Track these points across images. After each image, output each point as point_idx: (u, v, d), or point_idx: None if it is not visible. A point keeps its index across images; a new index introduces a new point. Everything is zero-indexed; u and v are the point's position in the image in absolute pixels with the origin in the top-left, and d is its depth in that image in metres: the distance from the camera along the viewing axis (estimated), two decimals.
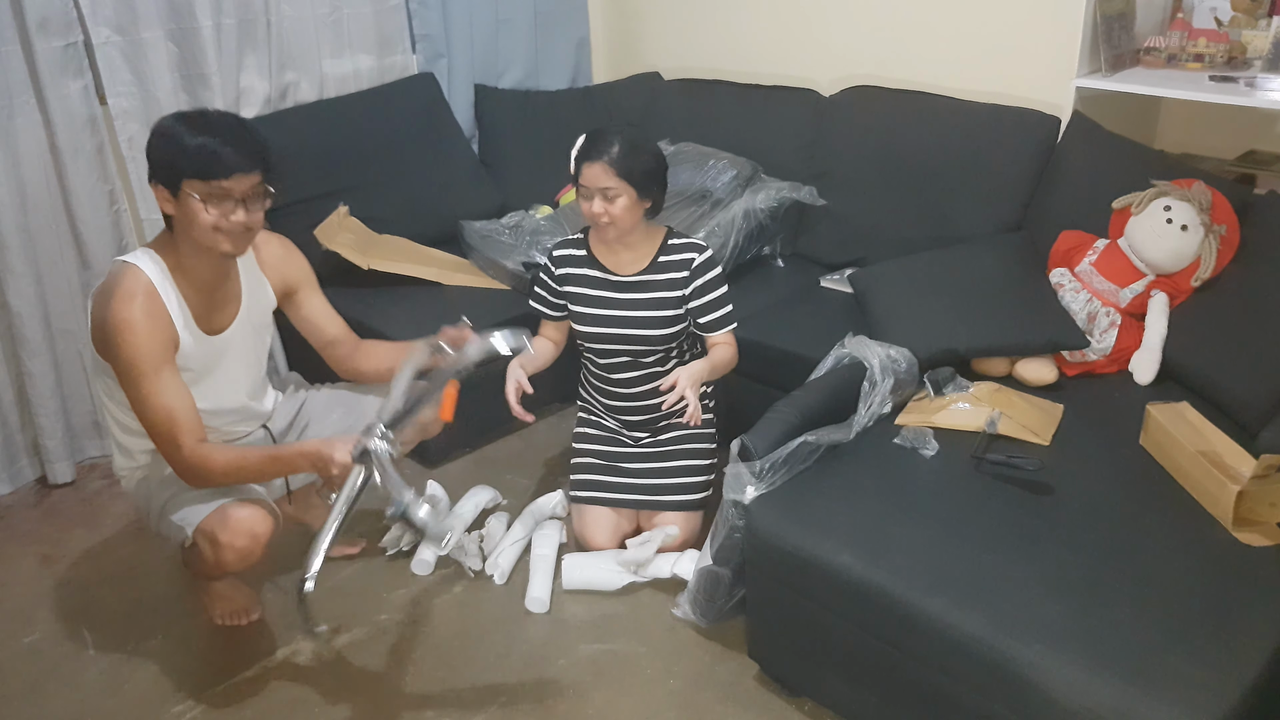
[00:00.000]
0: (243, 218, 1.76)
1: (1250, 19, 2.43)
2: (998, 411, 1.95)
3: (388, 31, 3.15)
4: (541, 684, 1.98)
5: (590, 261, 2.24)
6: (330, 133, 2.93)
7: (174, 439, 1.76)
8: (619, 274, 2.21)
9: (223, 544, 1.82)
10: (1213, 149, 2.64)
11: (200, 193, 1.72)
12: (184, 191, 1.73)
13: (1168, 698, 1.34)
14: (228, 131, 1.74)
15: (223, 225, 1.75)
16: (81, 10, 2.48)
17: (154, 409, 1.76)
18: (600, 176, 2.06)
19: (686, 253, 2.19)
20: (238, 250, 1.81)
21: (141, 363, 1.73)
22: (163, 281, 1.81)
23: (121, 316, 1.73)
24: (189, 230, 1.77)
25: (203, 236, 1.76)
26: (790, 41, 3.16)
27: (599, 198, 2.08)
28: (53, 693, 2.01)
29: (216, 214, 1.74)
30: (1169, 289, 2.16)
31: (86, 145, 2.57)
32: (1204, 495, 1.72)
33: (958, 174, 2.64)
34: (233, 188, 1.73)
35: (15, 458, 2.70)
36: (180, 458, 1.77)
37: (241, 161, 1.73)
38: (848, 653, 1.72)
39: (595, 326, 2.22)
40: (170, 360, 1.79)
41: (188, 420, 1.78)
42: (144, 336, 1.74)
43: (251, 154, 1.75)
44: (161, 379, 1.76)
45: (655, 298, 2.19)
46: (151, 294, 1.78)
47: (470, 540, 2.32)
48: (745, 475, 1.83)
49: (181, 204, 1.74)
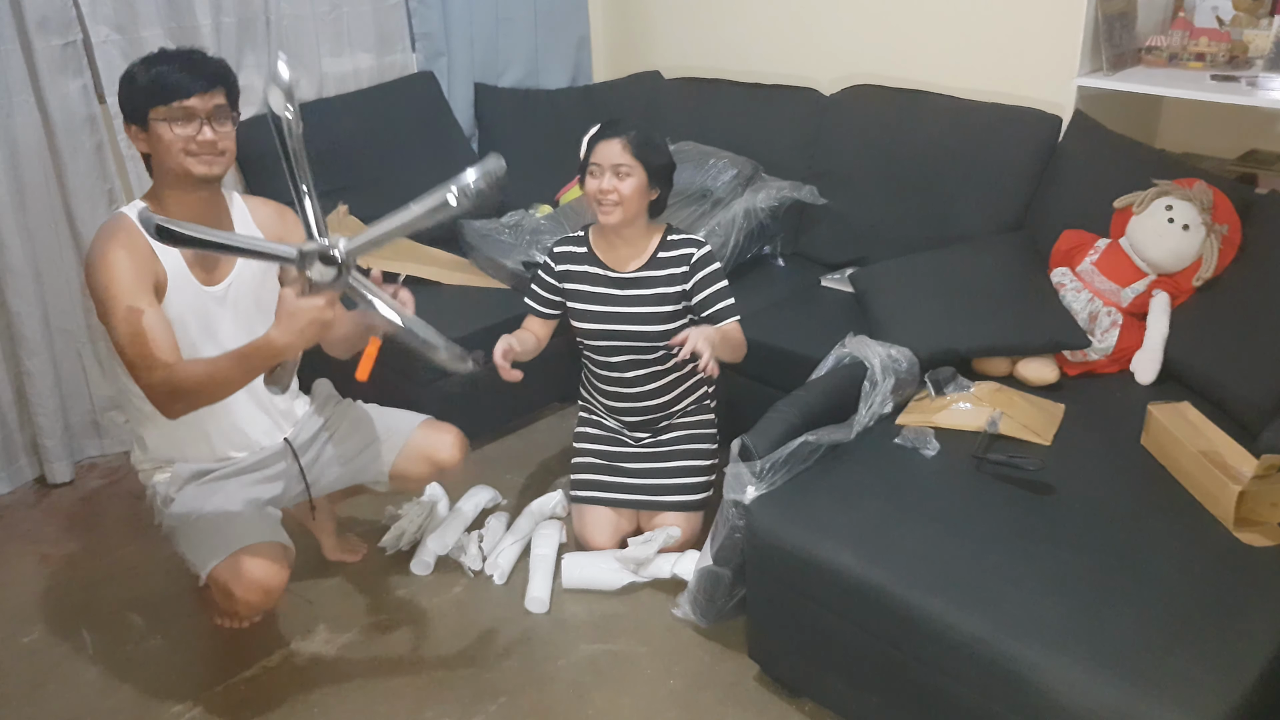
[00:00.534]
0: (210, 135, 1.77)
1: (1252, 18, 2.43)
2: (999, 411, 1.95)
3: (387, 30, 3.14)
4: (541, 684, 1.98)
5: (590, 258, 2.24)
6: (330, 132, 2.92)
7: (146, 359, 1.70)
8: (619, 271, 2.21)
9: (237, 597, 1.82)
10: (1214, 148, 2.64)
11: (164, 117, 1.74)
12: (151, 121, 1.75)
13: (1169, 698, 1.34)
14: (182, 58, 1.77)
15: (190, 147, 1.76)
16: (81, 9, 2.47)
17: (125, 333, 1.70)
18: (616, 153, 2.09)
19: (685, 248, 2.20)
20: (212, 170, 1.80)
21: (116, 289, 1.71)
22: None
23: (100, 251, 1.74)
24: (164, 162, 1.78)
25: (174, 161, 1.77)
26: (791, 41, 3.15)
27: (610, 174, 2.10)
28: (52, 693, 2.01)
29: (184, 134, 1.75)
30: (1170, 289, 2.16)
31: (85, 144, 2.56)
32: (1205, 495, 1.71)
33: (959, 173, 2.64)
34: (195, 106, 1.75)
35: (14, 457, 2.70)
36: (153, 381, 1.71)
37: (199, 81, 1.75)
38: (848, 653, 1.72)
39: (595, 323, 2.22)
40: (148, 291, 1.76)
41: (161, 342, 1.71)
42: (122, 266, 1.73)
43: (209, 74, 1.77)
44: (137, 304, 1.72)
45: (655, 294, 2.19)
46: (132, 230, 1.77)
47: (470, 540, 2.32)
48: (746, 475, 1.82)
49: (153, 134, 1.76)
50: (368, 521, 2.46)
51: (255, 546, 1.84)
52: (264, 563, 1.83)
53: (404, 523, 2.35)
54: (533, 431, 2.88)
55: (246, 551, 1.83)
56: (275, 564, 1.85)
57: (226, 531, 1.86)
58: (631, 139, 2.10)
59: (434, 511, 2.41)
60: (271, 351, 1.64)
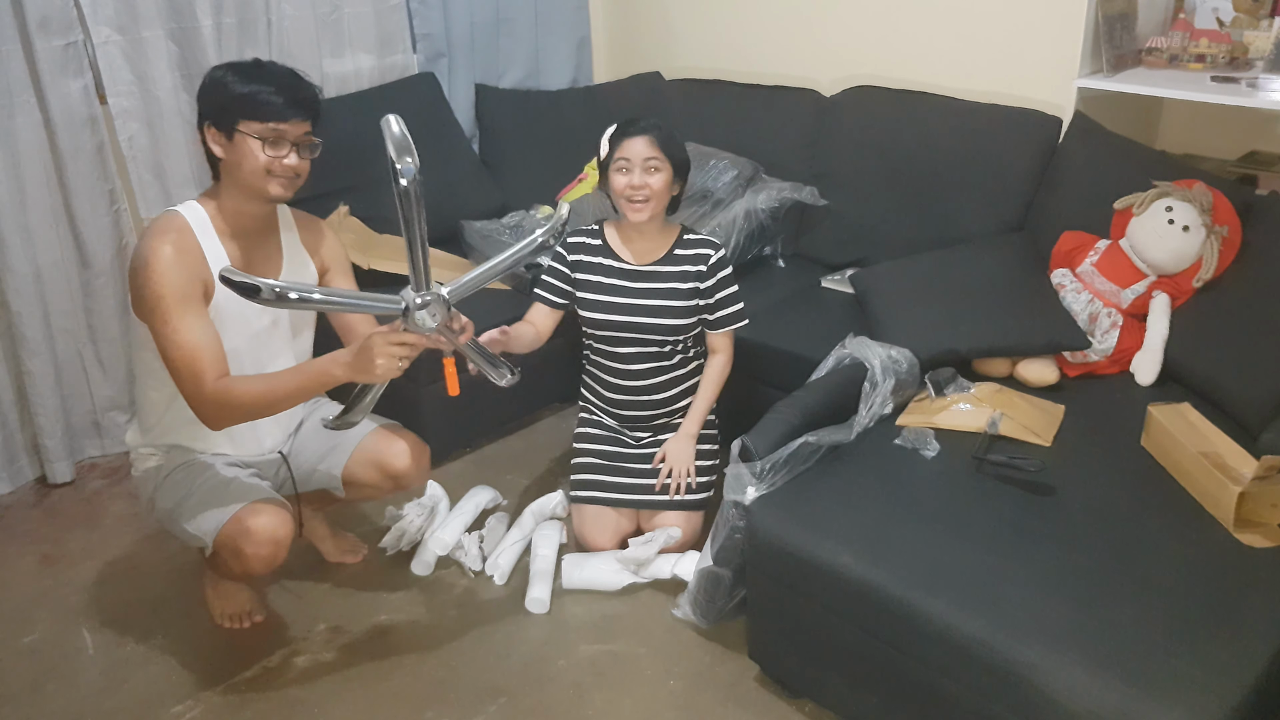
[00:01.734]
0: (294, 162, 1.80)
1: (1252, 19, 2.43)
2: (999, 412, 1.95)
3: (388, 31, 3.14)
4: (541, 684, 1.98)
5: (605, 250, 2.26)
6: (330, 132, 2.91)
7: (197, 375, 1.73)
8: (633, 263, 2.23)
9: (247, 554, 1.82)
10: (1214, 149, 2.64)
11: (256, 134, 1.75)
12: (239, 133, 1.76)
13: (1169, 699, 1.34)
14: (281, 79, 1.79)
15: (274, 168, 1.78)
16: (82, 9, 2.47)
17: (178, 344, 1.73)
18: (646, 148, 2.11)
19: (703, 248, 2.23)
20: (285, 194, 1.83)
21: (168, 295, 1.72)
22: (203, 227, 1.82)
23: (152, 250, 1.74)
24: (238, 172, 1.79)
25: (254, 178, 1.78)
26: (791, 41, 3.16)
27: (640, 170, 2.12)
28: (53, 692, 2.01)
29: (271, 155, 1.77)
30: (1170, 290, 2.16)
31: (87, 145, 2.56)
32: (1205, 496, 1.71)
33: (959, 174, 2.64)
34: (288, 131, 1.77)
35: (15, 457, 2.70)
36: (203, 395, 1.74)
37: (298, 107, 1.78)
38: (848, 654, 1.72)
39: (605, 314, 2.23)
40: (198, 299, 1.77)
41: (212, 356, 1.75)
42: (173, 270, 1.73)
43: (307, 101, 1.80)
44: (188, 315, 1.74)
45: (668, 288, 2.21)
46: (186, 232, 1.78)
47: (470, 540, 2.32)
48: (746, 476, 1.82)
49: (236, 145, 1.77)
50: (368, 522, 2.46)
51: (255, 505, 1.85)
52: (269, 516, 1.84)
53: (404, 523, 2.35)
54: (533, 431, 2.88)
55: (247, 510, 1.84)
56: (279, 517, 1.86)
57: (225, 496, 1.88)
58: (659, 134, 2.13)
59: (434, 512, 2.41)
60: (329, 381, 1.75)
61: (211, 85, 1.78)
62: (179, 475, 1.94)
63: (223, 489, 1.90)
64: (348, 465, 2.07)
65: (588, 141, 3.26)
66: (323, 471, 2.10)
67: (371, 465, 2.07)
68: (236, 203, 1.84)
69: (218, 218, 1.84)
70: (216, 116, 1.77)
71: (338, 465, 2.08)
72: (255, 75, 1.78)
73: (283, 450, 2.11)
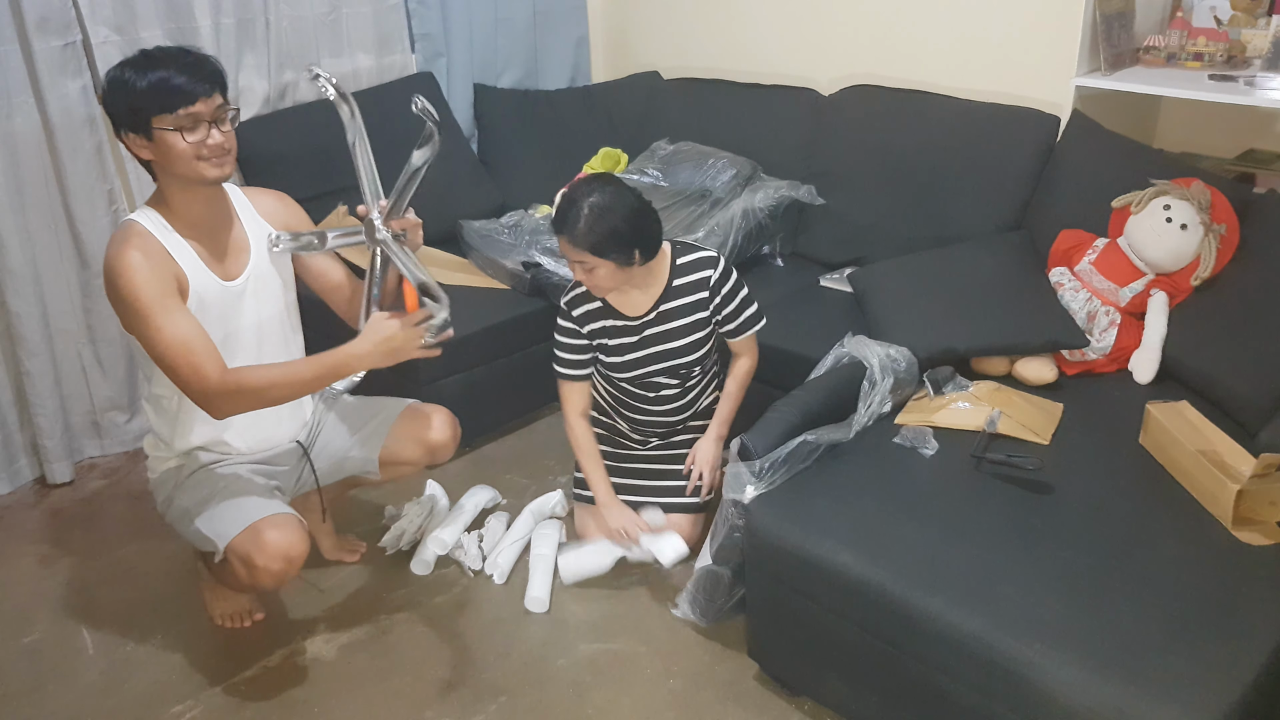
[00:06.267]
0: (219, 138, 1.78)
1: (1250, 18, 2.44)
2: (997, 411, 1.95)
3: (386, 31, 3.15)
4: (541, 684, 1.98)
5: (606, 310, 2.16)
6: (329, 132, 2.90)
7: (196, 370, 1.72)
8: (635, 316, 2.15)
9: (258, 567, 1.81)
10: (1212, 148, 2.64)
11: (172, 125, 1.73)
12: (156, 130, 1.74)
13: (1167, 697, 1.34)
14: (176, 60, 1.75)
15: (202, 151, 1.76)
16: (80, 10, 2.48)
17: (166, 343, 1.72)
18: (570, 250, 1.99)
19: (699, 271, 2.13)
20: (223, 173, 1.81)
21: (144, 297, 1.72)
22: (160, 229, 1.81)
23: (119, 258, 1.74)
24: (172, 168, 1.78)
25: (186, 168, 1.77)
26: (789, 41, 3.16)
27: (578, 268, 2.02)
28: (53, 692, 2.01)
29: (194, 140, 1.75)
30: (1169, 288, 2.16)
31: (85, 145, 2.57)
32: (1204, 494, 1.72)
33: (957, 173, 2.64)
34: (201, 111, 1.74)
35: (14, 457, 2.70)
36: (210, 388, 1.73)
37: (202, 84, 1.74)
38: (847, 652, 1.72)
39: (623, 357, 2.18)
40: (175, 296, 1.77)
41: (205, 348, 1.74)
42: (143, 273, 1.73)
43: (209, 75, 1.77)
44: (169, 313, 1.73)
45: (678, 326, 2.15)
46: (146, 235, 1.78)
47: (470, 540, 2.32)
48: (745, 475, 1.82)
49: (158, 143, 1.75)
50: (368, 521, 2.46)
51: (274, 518, 1.85)
52: (284, 532, 1.84)
53: (404, 522, 2.35)
54: (533, 431, 2.88)
55: (266, 522, 1.83)
56: (295, 533, 1.85)
57: (244, 505, 1.87)
58: (577, 237, 1.94)
59: (434, 511, 2.41)
60: (353, 364, 1.80)
61: (113, 90, 1.75)
62: (201, 475, 1.94)
63: (244, 499, 1.89)
64: (386, 445, 2.11)
65: (586, 141, 3.28)
66: (357, 457, 2.12)
67: (412, 440, 2.12)
68: (183, 196, 1.82)
69: (171, 216, 1.83)
70: (130, 121, 1.74)
71: (375, 448, 2.11)
72: (151, 65, 1.74)
73: (300, 440, 2.10)
